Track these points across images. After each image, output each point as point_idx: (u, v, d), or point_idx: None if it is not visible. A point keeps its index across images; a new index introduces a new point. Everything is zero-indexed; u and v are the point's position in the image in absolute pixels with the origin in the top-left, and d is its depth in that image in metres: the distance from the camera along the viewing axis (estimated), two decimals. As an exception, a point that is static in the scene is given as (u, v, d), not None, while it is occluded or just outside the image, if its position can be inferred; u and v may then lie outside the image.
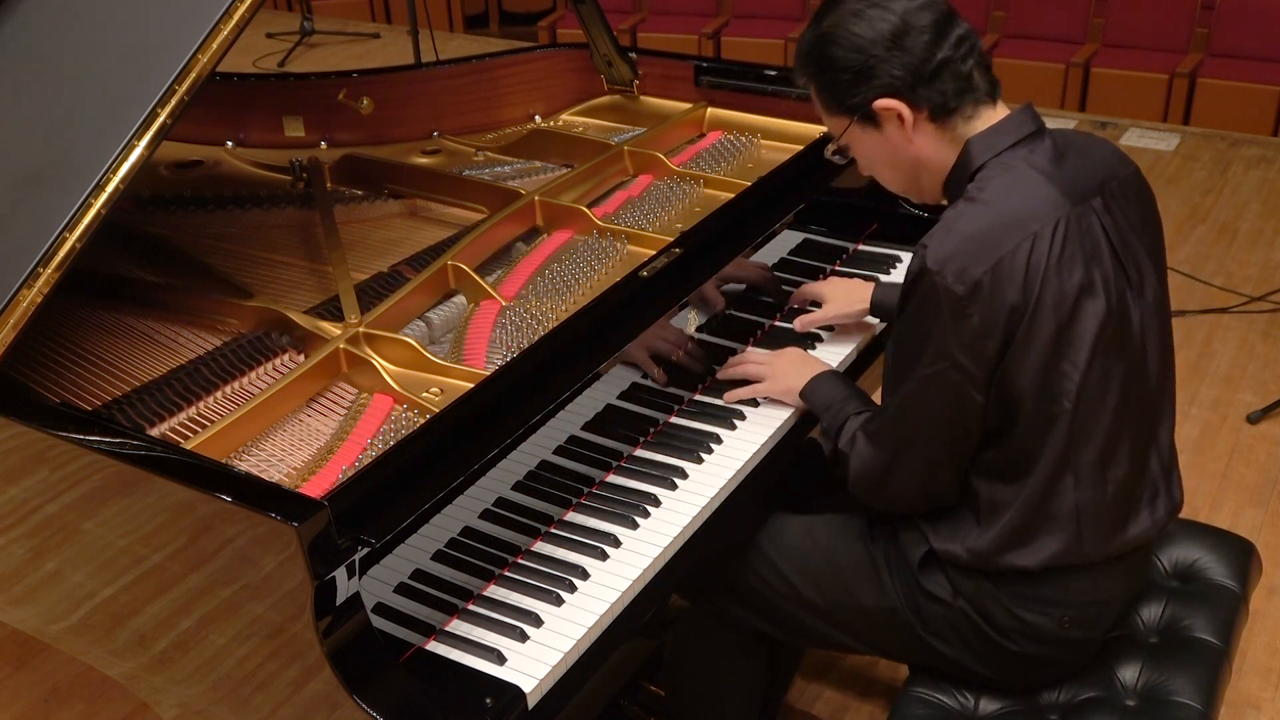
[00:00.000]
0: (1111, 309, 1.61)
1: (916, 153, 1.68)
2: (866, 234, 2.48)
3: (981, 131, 1.65)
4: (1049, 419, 1.61)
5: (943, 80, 1.61)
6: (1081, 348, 1.59)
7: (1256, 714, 2.49)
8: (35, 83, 1.91)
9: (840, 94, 1.66)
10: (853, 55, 1.62)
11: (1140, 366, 1.67)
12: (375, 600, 1.50)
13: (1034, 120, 1.66)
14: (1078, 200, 1.60)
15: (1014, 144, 1.63)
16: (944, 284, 1.54)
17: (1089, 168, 1.66)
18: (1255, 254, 4.36)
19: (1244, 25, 5.47)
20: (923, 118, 1.64)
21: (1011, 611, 1.71)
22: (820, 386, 1.91)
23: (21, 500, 1.66)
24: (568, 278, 2.08)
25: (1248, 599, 1.96)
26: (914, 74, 1.61)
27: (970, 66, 1.63)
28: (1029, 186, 1.60)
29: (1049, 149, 1.64)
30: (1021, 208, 1.58)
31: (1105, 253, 1.61)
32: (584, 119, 2.77)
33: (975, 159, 1.64)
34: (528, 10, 7.68)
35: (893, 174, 1.75)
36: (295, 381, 1.78)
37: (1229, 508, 3.08)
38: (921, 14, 1.61)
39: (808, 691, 2.54)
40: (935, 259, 1.56)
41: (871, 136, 1.69)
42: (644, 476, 1.83)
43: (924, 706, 1.80)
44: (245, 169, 2.56)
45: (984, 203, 1.59)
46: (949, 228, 1.59)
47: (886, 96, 1.62)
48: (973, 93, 1.64)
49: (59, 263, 1.63)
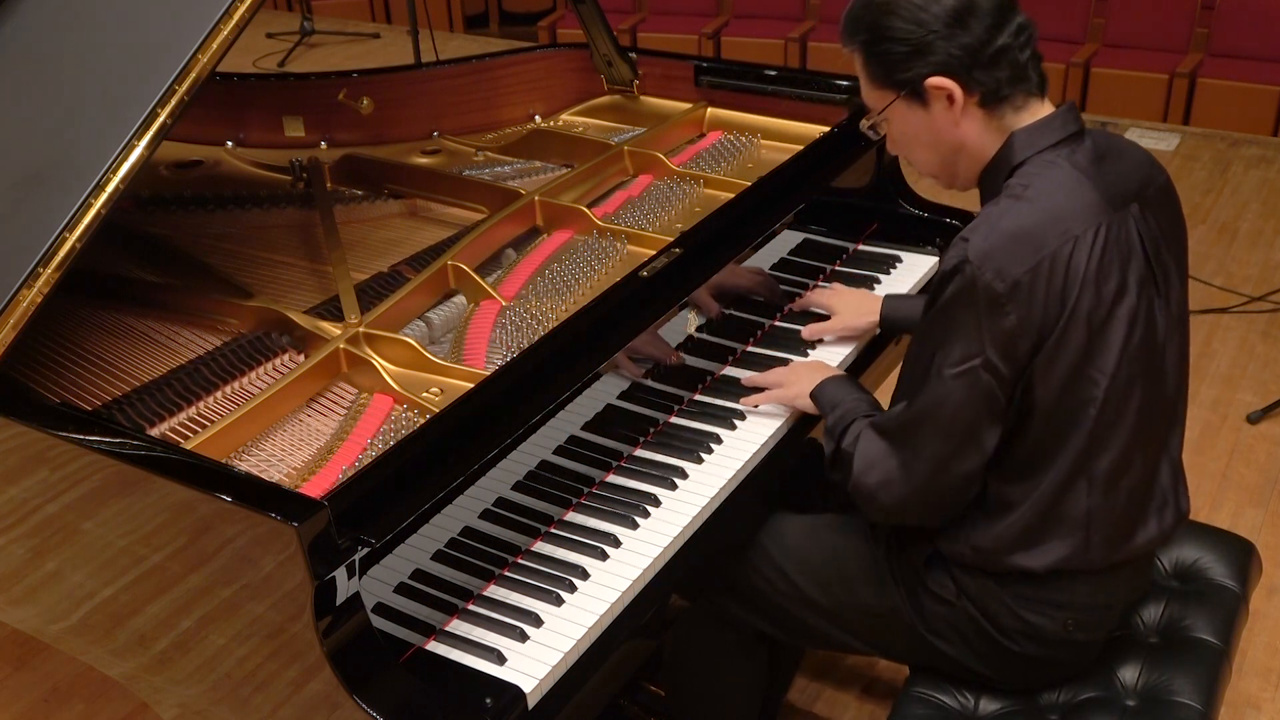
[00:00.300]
0: (1141, 317, 1.59)
1: (960, 137, 1.64)
2: (866, 234, 2.48)
3: (1027, 125, 1.62)
4: (1069, 423, 1.60)
5: (999, 67, 1.58)
6: (1110, 355, 1.58)
7: (1256, 714, 2.49)
8: (35, 83, 1.91)
9: (891, 67, 1.61)
10: (912, 28, 1.57)
11: (1160, 375, 1.66)
12: (375, 600, 1.50)
13: (1076, 120, 1.64)
14: (1118, 205, 1.59)
15: (1057, 142, 1.61)
16: (984, 280, 1.52)
17: (1127, 172, 1.64)
18: (1255, 254, 4.36)
19: (1244, 25, 5.47)
20: (973, 102, 1.60)
21: (1015, 612, 1.71)
22: (829, 386, 1.89)
23: (21, 500, 1.66)
24: (568, 278, 2.08)
25: (1248, 599, 1.96)
26: (972, 56, 1.57)
27: (1027, 57, 1.60)
28: (1072, 187, 1.58)
29: (1090, 150, 1.62)
30: (1065, 209, 1.56)
31: (1140, 260, 1.60)
32: (584, 119, 2.77)
33: (1018, 153, 1.62)
34: (528, 10, 7.68)
35: (929, 155, 1.70)
36: (295, 381, 1.78)
37: (1229, 508, 3.08)
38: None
39: (808, 691, 2.54)
40: (977, 253, 1.53)
41: (916, 115, 1.64)
42: (644, 476, 1.83)
43: (924, 706, 1.80)
44: (245, 169, 2.56)
45: (1028, 200, 1.56)
46: (993, 224, 1.55)
47: (941, 75, 1.58)
48: (1025, 83, 1.61)
49: (59, 263, 1.62)
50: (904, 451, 1.65)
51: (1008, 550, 1.67)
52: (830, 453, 1.80)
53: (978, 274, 1.52)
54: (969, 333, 1.55)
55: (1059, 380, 1.57)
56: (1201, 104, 5.46)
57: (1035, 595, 1.70)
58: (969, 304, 1.54)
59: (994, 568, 1.70)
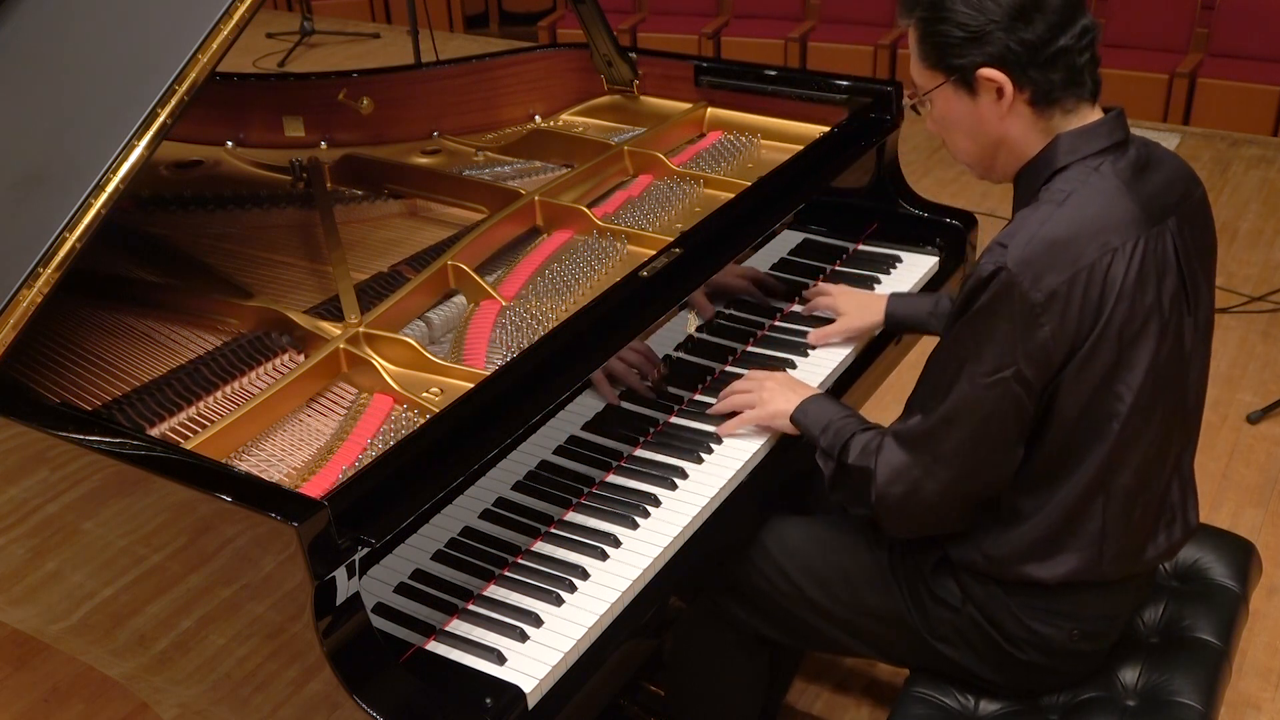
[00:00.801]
0: (1171, 333, 1.58)
1: (1003, 131, 1.61)
2: (866, 234, 2.48)
3: (1072, 130, 1.59)
4: (1091, 437, 1.58)
5: (1055, 68, 1.54)
6: (1139, 370, 1.56)
7: (1256, 714, 2.49)
8: (35, 83, 1.91)
9: (945, 49, 1.57)
10: (974, 14, 1.53)
11: (1183, 390, 1.65)
12: (375, 600, 1.50)
13: (1124, 128, 1.61)
14: (1156, 219, 1.57)
15: (1101, 150, 1.58)
16: (1021, 288, 1.49)
17: (1166, 185, 1.62)
18: (1255, 254, 4.36)
19: (1244, 25, 5.47)
20: (1023, 99, 1.57)
21: (1021, 621, 1.71)
22: (812, 408, 1.84)
23: (21, 500, 1.65)
24: (568, 278, 2.08)
25: (1248, 599, 1.96)
26: (1030, 53, 1.53)
27: (1085, 60, 1.56)
28: (1112, 198, 1.55)
29: (1132, 161, 1.59)
30: (1105, 219, 1.53)
31: (1174, 275, 1.58)
32: (584, 119, 2.76)
33: (1061, 157, 1.58)
34: (528, 10, 7.69)
35: (968, 145, 1.67)
36: (295, 381, 1.78)
37: (1229, 508, 3.08)
38: None
39: (808, 691, 2.54)
40: (1016, 261, 1.50)
41: (963, 102, 1.61)
42: (644, 476, 1.83)
43: (924, 706, 1.80)
44: (245, 169, 2.56)
45: (1069, 208, 1.53)
46: (1032, 231, 1.52)
47: (994, 67, 1.55)
48: (1078, 88, 1.57)
49: (59, 263, 1.62)
50: (929, 459, 1.62)
51: (1020, 560, 1.66)
52: (831, 473, 1.77)
53: (1015, 282, 1.49)
54: (1003, 341, 1.52)
55: (1085, 393, 1.55)
56: (1201, 104, 5.46)
57: (1042, 605, 1.70)
58: (1005, 312, 1.51)
59: (1004, 576, 1.69)
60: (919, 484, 1.64)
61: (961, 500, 1.64)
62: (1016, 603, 1.70)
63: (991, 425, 1.57)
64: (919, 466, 1.63)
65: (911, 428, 1.64)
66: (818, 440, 1.80)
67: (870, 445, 1.70)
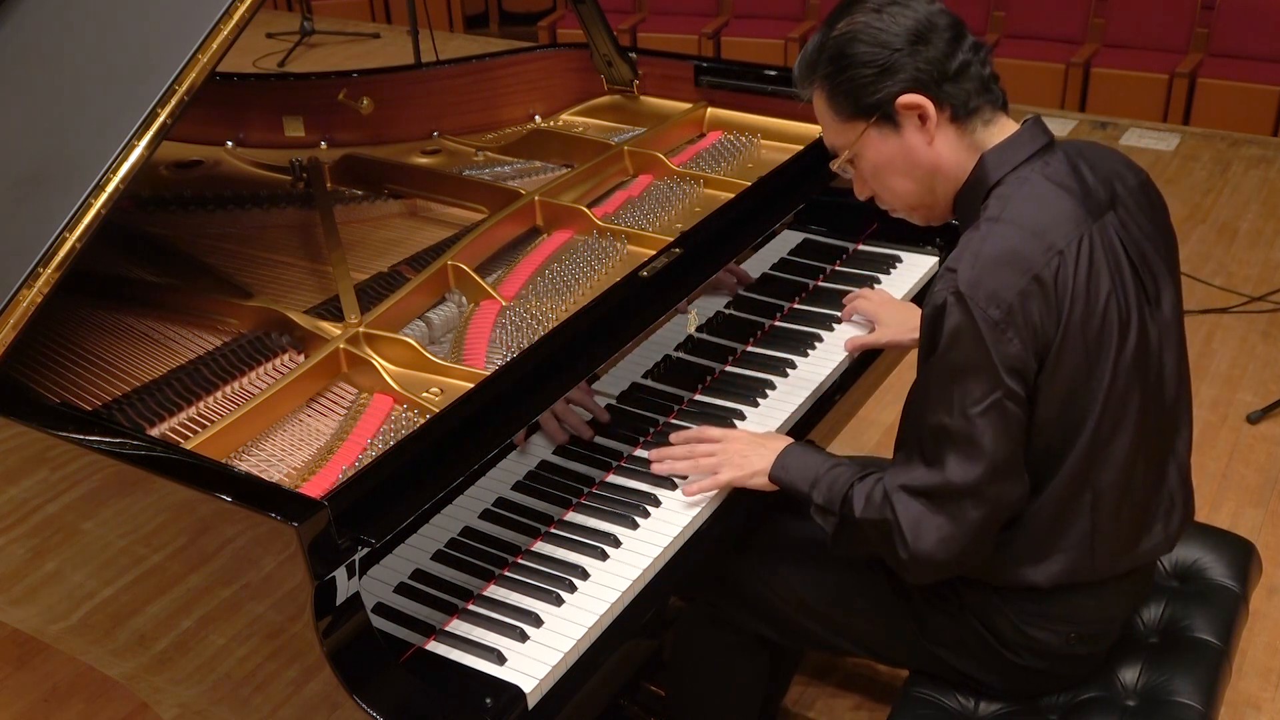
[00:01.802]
0: (1133, 326, 1.58)
1: (935, 157, 1.62)
2: (866, 234, 2.48)
3: (996, 145, 1.61)
4: (1068, 437, 1.58)
5: (965, 79, 1.58)
6: (1105, 366, 1.56)
7: (1256, 714, 2.49)
8: (35, 83, 1.91)
9: (860, 92, 1.60)
10: (876, 50, 1.56)
11: (1159, 383, 1.64)
12: (375, 600, 1.50)
13: (1045, 133, 1.63)
14: (1096, 214, 1.57)
15: (1029, 158, 1.60)
16: (979, 310, 1.49)
17: (1102, 179, 1.63)
18: (1255, 254, 4.36)
19: (1244, 25, 5.47)
20: (945, 118, 1.59)
21: (1018, 627, 1.71)
22: (793, 462, 1.75)
23: (21, 500, 1.65)
24: (568, 278, 2.08)
25: (1248, 599, 1.96)
26: (939, 70, 1.56)
27: (988, 72, 1.61)
28: (1050, 202, 1.56)
29: (1063, 160, 1.61)
30: (1045, 224, 1.53)
31: (1125, 269, 1.58)
32: (584, 119, 2.77)
33: (991, 174, 1.60)
34: (528, 10, 7.69)
35: (906, 184, 1.67)
36: (295, 381, 1.77)
37: (1229, 508, 3.08)
38: (941, 15, 1.58)
39: (808, 692, 2.54)
40: (967, 284, 1.50)
41: (889, 141, 1.62)
42: (644, 476, 1.83)
43: (924, 707, 1.80)
44: (245, 169, 2.56)
45: (1007, 221, 1.54)
46: (976, 251, 1.52)
47: (911, 92, 1.57)
48: (990, 95, 1.61)
49: (59, 263, 1.62)
50: (952, 505, 1.57)
51: (1013, 564, 1.66)
52: (835, 529, 1.70)
53: (972, 305, 1.49)
54: (981, 367, 1.50)
55: (1059, 396, 1.55)
56: (1201, 104, 5.46)
57: (1038, 610, 1.69)
58: (971, 336, 1.50)
59: (998, 581, 1.69)
60: (946, 529, 1.57)
61: (992, 532, 1.61)
62: (1012, 609, 1.70)
63: (1000, 451, 1.54)
64: (942, 515, 1.57)
65: (922, 478, 1.58)
66: (808, 497, 1.72)
67: (875, 495, 1.63)
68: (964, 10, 1.67)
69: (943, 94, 1.58)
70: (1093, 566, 1.66)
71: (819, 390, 2.05)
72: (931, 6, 1.58)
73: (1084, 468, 1.60)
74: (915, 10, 1.57)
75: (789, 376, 2.06)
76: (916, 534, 1.58)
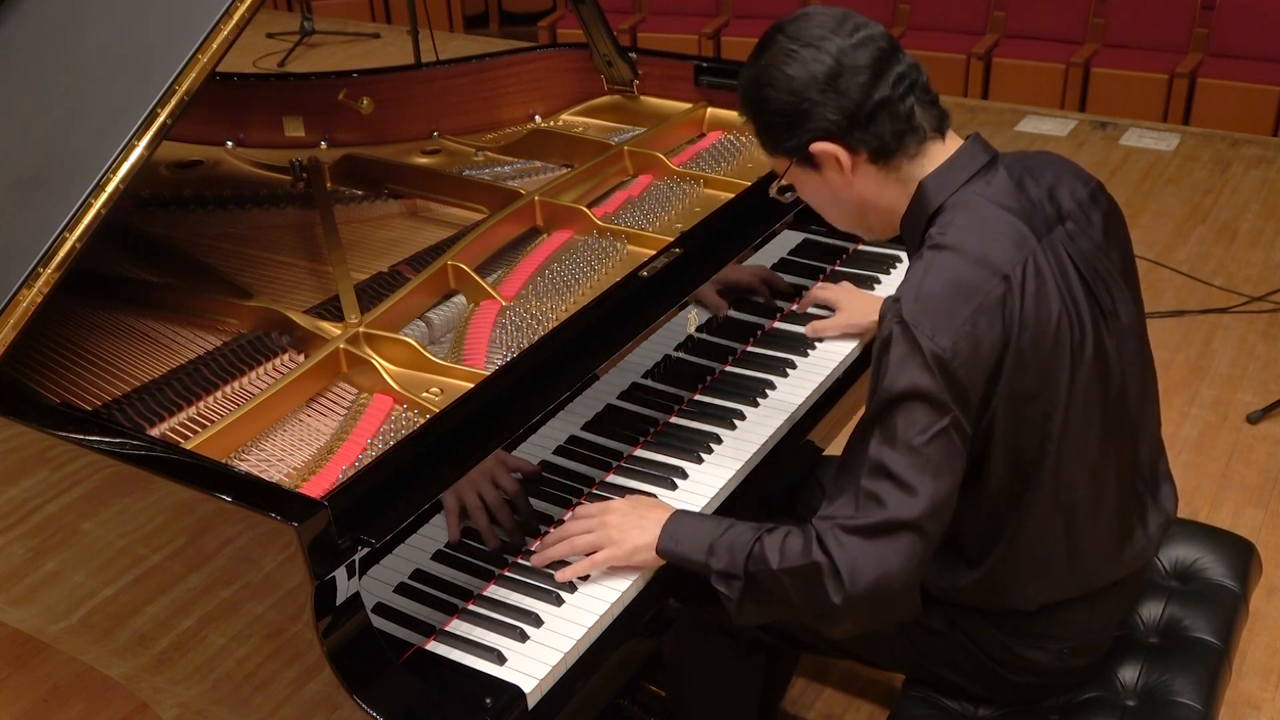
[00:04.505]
0: (1088, 343, 1.55)
1: (860, 195, 1.59)
2: (866, 234, 2.48)
3: (934, 170, 1.56)
4: (1031, 462, 1.56)
5: (879, 122, 1.52)
6: (1059, 388, 1.53)
7: (1256, 714, 2.49)
8: (35, 83, 1.91)
9: (776, 136, 1.59)
10: (786, 98, 1.54)
11: (1120, 396, 1.61)
12: (375, 600, 1.50)
13: (985, 150, 1.58)
14: (1043, 232, 1.54)
15: (969, 179, 1.55)
16: (925, 341, 1.45)
17: (1048, 192, 1.59)
18: (1255, 254, 4.36)
19: (1244, 25, 5.47)
20: (862, 160, 1.56)
21: (1010, 649, 1.70)
22: (684, 531, 1.63)
23: (21, 500, 1.66)
24: (568, 278, 2.08)
25: (1248, 599, 1.96)
26: (849, 117, 1.52)
27: (910, 105, 1.54)
28: (992, 225, 1.52)
29: (1005, 179, 1.57)
30: (989, 250, 1.50)
31: (1076, 285, 1.55)
32: (584, 119, 2.76)
33: (932, 200, 1.56)
34: (528, 10, 7.69)
35: (838, 214, 1.67)
36: (295, 381, 1.77)
37: (1229, 508, 3.08)
38: (858, 53, 1.51)
39: (807, 692, 2.54)
40: (912, 315, 1.46)
41: (812, 179, 1.61)
42: (644, 476, 1.83)
43: (924, 707, 1.80)
44: (245, 169, 2.56)
45: (950, 249, 1.50)
46: (919, 282, 1.49)
47: (822, 140, 1.54)
48: (914, 133, 1.55)
49: (59, 263, 1.62)
50: (891, 539, 1.48)
51: (995, 590, 1.65)
52: (740, 593, 1.57)
53: (918, 334, 1.45)
54: (925, 397, 1.46)
55: (1014, 423, 1.52)
56: (1201, 104, 5.47)
57: (1029, 630, 1.68)
58: (918, 365, 1.45)
59: (985, 606, 1.69)
60: (889, 567, 1.48)
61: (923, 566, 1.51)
62: (1004, 632, 1.69)
63: (943, 482, 1.48)
64: (886, 549, 1.48)
65: (861, 515, 1.49)
66: (706, 565, 1.59)
67: (793, 544, 1.53)
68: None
69: (855, 140, 1.53)
70: (1077, 583, 1.65)
71: (819, 390, 2.05)
72: (849, 41, 1.52)
73: (1053, 490, 1.57)
74: (829, 53, 1.52)
75: (789, 376, 2.06)
76: (853, 572, 1.47)
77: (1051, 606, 1.66)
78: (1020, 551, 1.61)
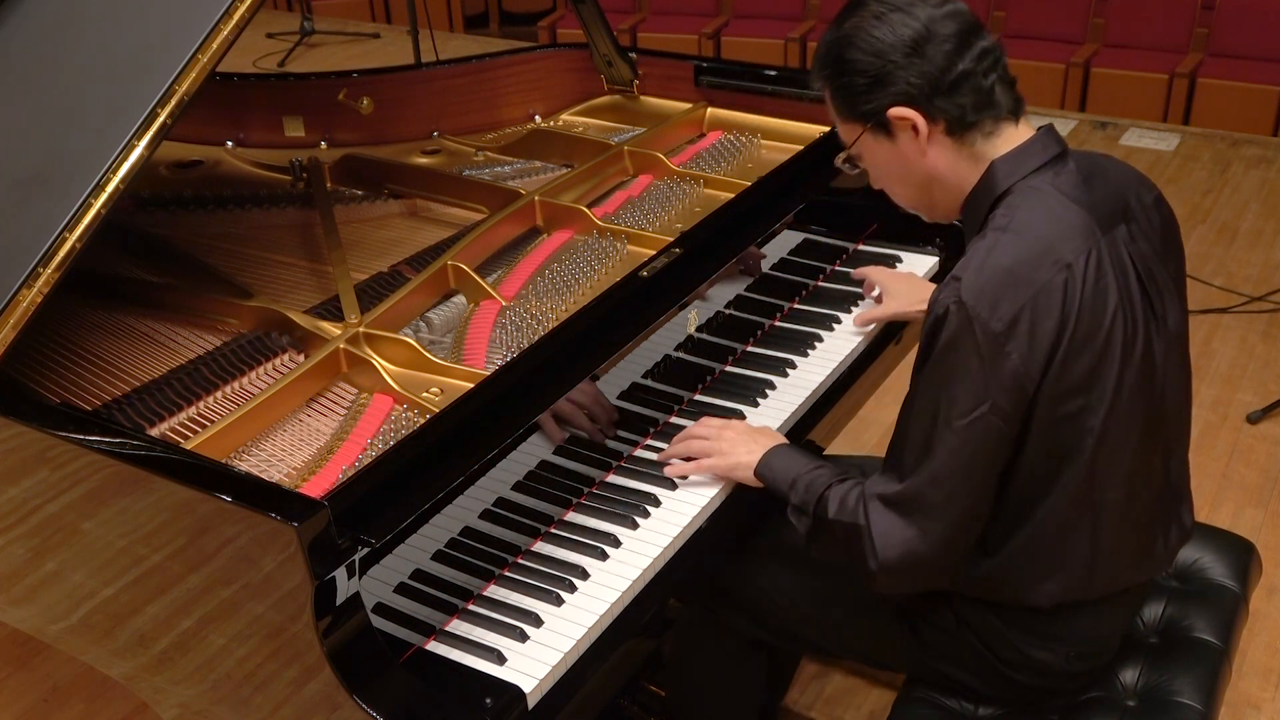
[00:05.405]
0: (1138, 343, 1.55)
1: (930, 167, 1.59)
2: (866, 234, 2.48)
3: (1006, 153, 1.57)
4: (1065, 456, 1.55)
5: (962, 93, 1.53)
6: (1107, 384, 1.53)
7: (1256, 714, 2.49)
8: (35, 83, 1.91)
9: (854, 99, 1.58)
10: (870, 59, 1.54)
11: (1160, 401, 1.62)
12: (375, 600, 1.50)
13: (1058, 142, 1.59)
14: (1106, 228, 1.54)
15: (1039, 167, 1.56)
16: (981, 320, 1.46)
17: (1114, 192, 1.60)
18: (1255, 254, 4.36)
19: (1244, 25, 5.48)
20: (939, 131, 1.56)
21: (1017, 648, 1.70)
22: (777, 462, 1.74)
23: (21, 500, 1.66)
24: (568, 278, 2.08)
25: (1248, 599, 1.96)
26: (932, 84, 1.52)
27: (992, 82, 1.55)
28: (1059, 213, 1.53)
29: (1074, 173, 1.57)
30: (1054, 236, 1.50)
31: (1133, 283, 1.56)
32: (584, 119, 2.77)
33: (1001, 182, 1.56)
34: (528, 10, 7.69)
35: (904, 189, 1.67)
36: (295, 381, 1.78)
37: (1229, 508, 3.08)
38: (946, 23, 1.53)
39: (807, 692, 2.54)
40: (970, 294, 1.47)
41: (884, 147, 1.61)
42: (644, 476, 1.83)
43: (924, 708, 1.80)
44: (245, 169, 2.56)
45: (1015, 232, 1.51)
46: (981, 261, 1.50)
47: (902, 105, 1.55)
48: (993, 109, 1.56)
49: (59, 263, 1.62)
50: (922, 519, 1.55)
51: (1013, 585, 1.65)
52: (808, 529, 1.70)
53: (973, 315, 1.46)
54: (973, 379, 1.48)
55: (1057, 414, 1.52)
56: (1201, 104, 5.47)
57: (1037, 629, 1.68)
58: (969, 348, 1.47)
59: (997, 600, 1.68)
60: (915, 545, 1.56)
61: (958, 549, 1.60)
62: (1012, 630, 1.69)
63: (978, 466, 1.52)
64: (913, 528, 1.56)
65: (899, 492, 1.57)
66: (787, 496, 1.72)
67: (850, 500, 1.62)
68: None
69: (935, 108, 1.54)
70: (1093, 586, 1.64)
71: (819, 390, 2.05)
72: (938, 11, 1.53)
73: (1087, 486, 1.57)
74: (917, 18, 1.53)
75: (789, 376, 2.06)
76: (885, 544, 1.57)
77: (1062, 607, 1.65)
78: (1042, 545, 1.61)
